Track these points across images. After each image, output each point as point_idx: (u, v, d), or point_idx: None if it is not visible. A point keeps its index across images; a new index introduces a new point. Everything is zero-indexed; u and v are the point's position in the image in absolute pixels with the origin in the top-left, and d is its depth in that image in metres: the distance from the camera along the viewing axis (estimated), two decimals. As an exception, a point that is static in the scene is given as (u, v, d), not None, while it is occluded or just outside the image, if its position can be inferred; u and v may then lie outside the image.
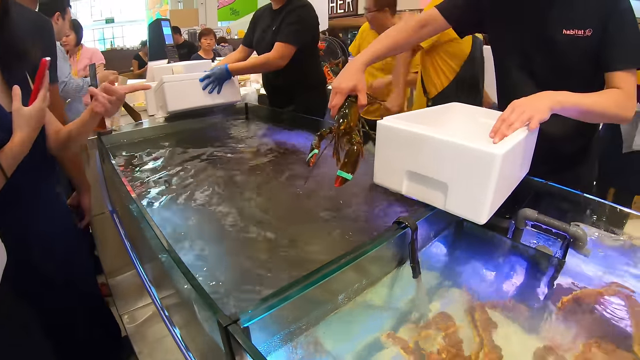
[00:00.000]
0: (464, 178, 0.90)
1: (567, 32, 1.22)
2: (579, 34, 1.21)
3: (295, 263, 0.93)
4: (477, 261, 1.07)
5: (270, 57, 2.24)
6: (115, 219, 1.67)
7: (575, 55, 1.24)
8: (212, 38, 5.49)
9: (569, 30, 1.22)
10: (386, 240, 0.86)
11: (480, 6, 1.39)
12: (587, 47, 1.22)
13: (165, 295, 1.15)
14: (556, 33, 1.24)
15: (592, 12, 1.19)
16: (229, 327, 0.61)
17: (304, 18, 2.31)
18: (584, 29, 1.20)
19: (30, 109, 1.03)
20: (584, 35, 1.21)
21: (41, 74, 1.06)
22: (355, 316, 0.84)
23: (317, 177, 1.34)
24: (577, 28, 1.20)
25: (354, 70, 1.27)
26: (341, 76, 1.26)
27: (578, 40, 1.22)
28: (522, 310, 0.90)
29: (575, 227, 1.01)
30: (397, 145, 1.02)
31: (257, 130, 2.10)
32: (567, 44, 1.23)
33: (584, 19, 1.20)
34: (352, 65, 1.30)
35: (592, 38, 1.20)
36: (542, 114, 0.99)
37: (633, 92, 1.17)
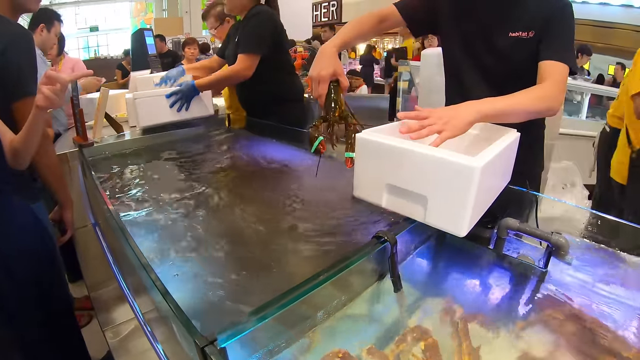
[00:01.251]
0: (444, 191, 0.90)
1: (512, 35, 1.33)
2: (523, 36, 1.31)
3: (276, 279, 0.93)
4: (459, 272, 1.07)
5: (234, 69, 2.20)
6: (98, 232, 1.65)
7: (521, 57, 1.34)
8: (195, 47, 5.47)
9: (514, 32, 1.32)
10: (365, 255, 0.86)
11: (434, 7, 1.48)
12: (531, 48, 1.31)
13: (147, 310, 1.14)
14: (503, 36, 1.34)
15: (534, 16, 1.30)
16: (205, 348, 0.60)
17: (260, 24, 2.25)
18: (527, 31, 1.31)
19: None
20: (527, 37, 1.31)
21: None
22: (336, 332, 0.84)
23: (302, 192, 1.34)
24: (521, 30, 1.31)
25: (329, 54, 1.29)
26: (318, 64, 1.27)
27: (522, 42, 1.32)
28: (503, 320, 0.90)
29: (557, 236, 1.02)
30: (376, 158, 1.02)
31: (238, 141, 2.09)
32: (513, 45, 1.33)
33: (527, 22, 1.30)
34: (326, 50, 1.31)
35: (534, 39, 1.30)
36: (455, 132, 1.00)
37: (561, 81, 1.24)
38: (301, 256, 1.04)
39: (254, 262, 1.00)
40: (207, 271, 0.97)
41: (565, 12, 1.28)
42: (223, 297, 0.87)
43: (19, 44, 1.40)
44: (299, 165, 1.67)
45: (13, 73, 1.30)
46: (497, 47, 1.37)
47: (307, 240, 1.11)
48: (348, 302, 0.89)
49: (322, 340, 0.81)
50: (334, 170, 1.52)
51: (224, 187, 1.45)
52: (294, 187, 1.44)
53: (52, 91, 1.15)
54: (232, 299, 0.85)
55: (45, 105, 1.16)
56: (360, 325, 0.87)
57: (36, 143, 1.32)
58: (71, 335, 1.67)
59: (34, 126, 1.24)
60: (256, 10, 2.28)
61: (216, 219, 1.20)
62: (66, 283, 1.65)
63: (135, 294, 1.21)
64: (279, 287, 0.74)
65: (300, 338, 0.79)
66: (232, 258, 1.02)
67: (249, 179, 1.54)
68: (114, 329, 1.55)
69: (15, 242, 1.29)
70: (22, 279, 1.30)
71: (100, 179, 1.53)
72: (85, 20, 18.45)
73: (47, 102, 1.15)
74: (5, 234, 1.26)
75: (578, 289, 0.98)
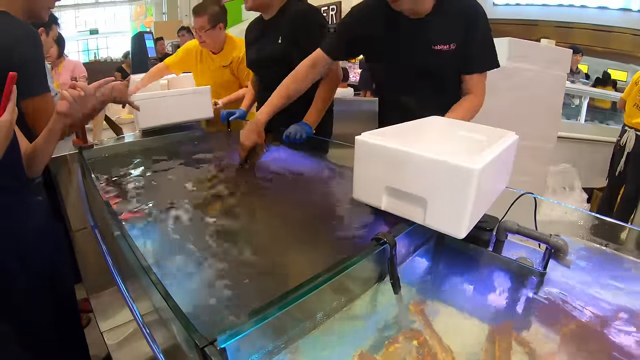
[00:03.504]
0: (443, 193, 0.91)
1: (435, 48, 1.48)
2: (445, 49, 1.47)
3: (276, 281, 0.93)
4: (458, 274, 1.07)
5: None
6: (97, 234, 1.65)
7: (445, 67, 1.52)
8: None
9: (436, 45, 1.47)
10: (365, 257, 0.86)
11: (358, 36, 1.65)
12: (453, 59, 1.48)
13: (146, 312, 1.13)
14: (427, 50, 1.49)
15: (455, 30, 1.45)
16: (205, 349, 0.60)
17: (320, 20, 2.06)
18: (449, 43, 1.46)
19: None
20: (449, 49, 1.47)
21: (9, 87, 1.06)
22: (335, 334, 0.84)
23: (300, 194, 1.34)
24: (443, 43, 1.47)
25: (256, 128, 1.65)
26: (246, 133, 1.64)
27: (445, 54, 1.47)
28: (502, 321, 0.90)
29: (556, 238, 1.02)
30: (375, 161, 1.03)
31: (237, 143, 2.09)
32: (437, 58, 1.49)
33: (448, 36, 1.46)
34: (254, 125, 1.66)
35: (456, 51, 1.47)
36: None
37: (483, 90, 1.56)
38: (301, 258, 1.05)
39: (254, 263, 1.00)
40: (206, 273, 0.97)
41: (479, 22, 1.45)
42: (223, 298, 0.86)
43: (27, 43, 1.41)
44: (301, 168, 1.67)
45: (20, 71, 1.31)
46: (421, 61, 1.53)
47: (307, 242, 1.11)
48: (348, 303, 0.89)
49: (321, 342, 0.81)
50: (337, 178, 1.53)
51: (225, 189, 1.45)
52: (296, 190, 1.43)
53: (73, 96, 1.17)
54: (231, 301, 0.85)
55: (66, 111, 1.21)
56: (359, 327, 0.87)
57: (53, 149, 1.36)
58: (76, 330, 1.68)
59: (53, 132, 1.27)
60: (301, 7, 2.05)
61: (216, 220, 1.20)
62: (72, 278, 1.65)
63: (134, 296, 1.21)
64: (279, 288, 0.74)
65: (300, 339, 0.80)
66: (232, 260, 1.02)
67: (250, 181, 1.54)
68: (113, 331, 1.55)
69: (31, 234, 1.30)
70: (37, 271, 1.31)
71: (100, 180, 1.52)
72: (85, 23, 18.47)
73: (67, 107, 1.20)
74: (22, 228, 1.27)
75: (577, 291, 0.98)
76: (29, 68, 1.41)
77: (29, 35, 1.43)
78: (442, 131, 1.25)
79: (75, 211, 1.79)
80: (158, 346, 1.00)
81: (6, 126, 1.05)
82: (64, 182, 1.84)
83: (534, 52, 3.02)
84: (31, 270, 1.28)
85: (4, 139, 1.05)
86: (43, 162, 1.36)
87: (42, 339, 1.32)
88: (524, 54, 2.96)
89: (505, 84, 2.85)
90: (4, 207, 1.19)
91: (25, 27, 1.43)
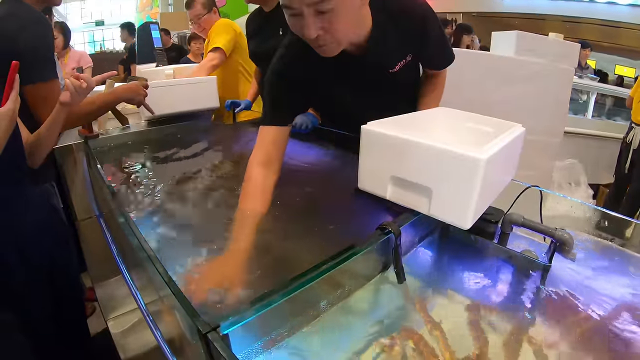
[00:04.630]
0: (448, 183, 0.90)
1: (393, 70, 1.32)
2: (402, 63, 1.32)
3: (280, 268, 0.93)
4: (462, 266, 1.06)
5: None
6: (102, 223, 1.65)
7: (405, 77, 1.40)
8: (201, 42, 5.43)
9: (394, 68, 1.32)
10: (369, 246, 0.86)
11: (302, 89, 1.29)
12: (411, 66, 1.38)
13: (150, 300, 1.14)
14: (384, 75, 1.33)
15: (407, 42, 1.29)
16: (208, 335, 0.60)
17: None
18: (405, 57, 1.32)
19: (1, 110, 1.04)
20: (406, 62, 1.33)
21: (12, 76, 1.07)
22: (338, 323, 0.84)
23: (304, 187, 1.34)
24: (399, 60, 1.31)
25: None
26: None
27: (403, 68, 1.33)
28: (506, 313, 0.90)
29: (561, 231, 1.01)
30: (381, 150, 1.02)
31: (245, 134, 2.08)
32: (396, 75, 1.34)
33: (402, 51, 1.30)
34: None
35: (413, 59, 1.34)
36: None
37: (444, 82, 1.53)
38: (306, 246, 1.04)
39: (258, 251, 1.00)
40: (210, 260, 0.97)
41: (428, 24, 1.28)
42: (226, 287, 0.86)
43: (34, 29, 1.41)
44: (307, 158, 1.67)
45: (26, 57, 1.31)
46: (380, 85, 1.36)
47: (312, 231, 1.11)
48: (352, 292, 0.89)
49: (324, 329, 0.81)
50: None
51: (230, 178, 1.45)
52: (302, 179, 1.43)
53: (75, 87, 1.18)
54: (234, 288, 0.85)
55: (68, 101, 1.23)
56: (363, 316, 0.87)
57: (55, 138, 1.38)
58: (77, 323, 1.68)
59: (56, 122, 1.29)
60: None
61: (220, 209, 1.20)
62: (77, 267, 1.66)
63: (138, 284, 1.21)
64: (283, 276, 0.74)
65: (303, 327, 0.79)
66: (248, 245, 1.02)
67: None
68: (117, 319, 1.56)
69: (30, 227, 1.30)
70: (36, 264, 1.31)
71: (105, 170, 1.53)
72: (91, 14, 18.44)
73: (69, 98, 1.22)
74: (22, 220, 1.27)
75: (581, 285, 0.98)
76: (37, 54, 1.41)
77: (37, 21, 1.43)
78: (448, 122, 1.24)
79: (81, 201, 1.80)
80: (162, 334, 1.00)
81: (9, 115, 1.06)
82: (69, 171, 1.84)
83: (542, 46, 3.00)
84: (30, 263, 1.29)
85: (7, 128, 1.06)
86: (45, 152, 1.37)
87: (41, 332, 1.32)
88: (532, 47, 2.94)
89: (512, 76, 2.84)
90: (3, 199, 1.19)
91: (33, 12, 1.43)
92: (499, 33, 3.12)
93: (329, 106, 1.60)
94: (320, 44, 1.05)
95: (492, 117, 1.19)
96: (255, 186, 1.19)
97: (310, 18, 0.97)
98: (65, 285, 1.51)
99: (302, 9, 0.95)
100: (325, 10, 0.95)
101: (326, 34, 1.01)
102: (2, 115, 1.04)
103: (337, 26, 1.00)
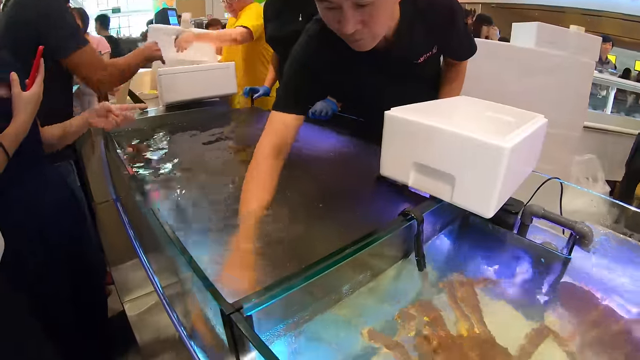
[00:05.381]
0: (472, 171, 0.90)
1: (419, 61, 1.30)
2: (427, 55, 1.30)
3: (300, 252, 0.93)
4: (482, 256, 1.06)
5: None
6: (119, 207, 1.66)
7: (429, 68, 1.41)
8: (219, 29, 5.44)
9: (419, 59, 1.30)
10: (392, 231, 0.86)
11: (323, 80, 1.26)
12: (436, 57, 1.39)
13: (167, 283, 1.14)
14: (408, 67, 1.31)
15: (434, 35, 1.26)
16: (232, 316, 0.60)
17: None
18: (431, 50, 1.30)
19: (28, 93, 1.10)
20: (432, 54, 1.31)
21: (37, 61, 1.13)
22: (360, 307, 0.84)
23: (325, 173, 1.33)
24: (425, 53, 1.29)
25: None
26: None
27: (428, 59, 1.32)
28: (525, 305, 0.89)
29: (581, 224, 1.00)
30: (404, 136, 1.01)
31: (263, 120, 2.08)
32: (421, 67, 1.33)
33: (428, 43, 1.28)
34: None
35: (438, 51, 1.34)
36: None
37: (464, 71, 1.52)
38: (328, 231, 1.04)
39: (279, 235, 1.00)
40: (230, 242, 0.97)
41: (456, 18, 1.26)
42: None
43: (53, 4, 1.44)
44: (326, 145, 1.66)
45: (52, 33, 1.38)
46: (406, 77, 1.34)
47: (333, 217, 1.10)
48: (372, 278, 0.89)
49: (345, 314, 0.81)
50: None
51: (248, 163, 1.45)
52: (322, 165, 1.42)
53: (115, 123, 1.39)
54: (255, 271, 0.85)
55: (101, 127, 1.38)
56: (384, 303, 0.87)
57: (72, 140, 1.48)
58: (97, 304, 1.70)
59: (81, 130, 1.41)
60: None
61: (239, 192, 1.20)
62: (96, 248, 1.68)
63: (155, 267, 1.22)
64: (306, 260, 0.74)
65: (324, 311, 0.80)
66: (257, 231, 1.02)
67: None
68: (134, 302, 1.57)
69: (49, 206, 1.31)
70: (54, 243, 1.33)
71: (123, 154, 1.53)
72: (107, 1, 18.49)
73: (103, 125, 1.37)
74: (40, 200, 1.29)
75: (601, 279, 0.97)
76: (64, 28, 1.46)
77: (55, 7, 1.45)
78: (470, 110, 1.23)
79: (98, 184, 1.81)
80: (178, 317, 1.01)
81: (35, 98, 1.12)
82: (87, 155, 1.86)
83: (563, 38, 2.95)
84: (48, 242, 1.30)
85: (33, 110, 1.12)
86: (61, 146, 1.43)
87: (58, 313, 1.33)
88: (553, 40, 2.89)
89: (532, 68, 2.80)
90: (22, 179, 1.20)
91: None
92: (520, 24, 3.07)
93: (351, 96, 1.58)
94: (357, 38, 1.02)
95: (514, 107, 1.18)
96: (265, 172, 1.18)
97: (350, 12, 0.93)
98: (85, 266, 1.52)
99: (341, 3, 0.92)
100: (365, 4, 0.92)
101: (364, 28, 0.99)
102: (29, 98, 1.10)
103: (376, 20, 0.97)
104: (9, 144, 1.04)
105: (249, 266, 0.91)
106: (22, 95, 1.09)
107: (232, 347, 0.63)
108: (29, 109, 1.10)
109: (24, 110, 1.09)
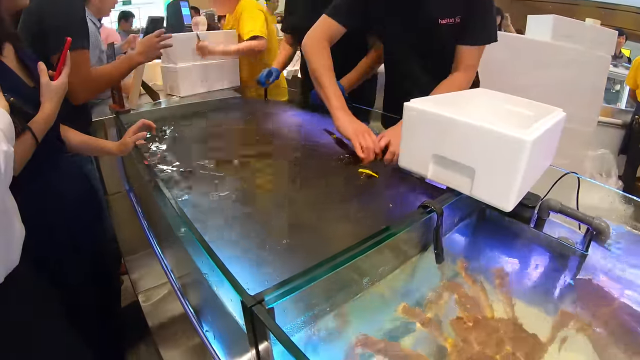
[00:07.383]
0: (492, 163, 0.88)
1: (442, 22, 1.42)
2: (451, 22, 1.41)
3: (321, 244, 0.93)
4: (499, 249, 1.05)
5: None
6: (132, 198, 1.67)
7: (450, 39, 1.45)
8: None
9: (443, 20, 1.42)
10: (411, 224, 0.85)
11: (365, 7, 1.54)
12: (459, 31, 1.43)
13: (181, 274, 1.14)
14: (433, 24, 1.43)
15: (459, 2, 1.39)
16: (253, 308, 0.60)
17: None
18: (455, 17, 1.41)
19: (56, 83, 1.13)
20: (454, 22, 1.41)
21: (65, 52, 1.16)
22: (379, 299, 0.83)
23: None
24: (449, 17, 1.41)
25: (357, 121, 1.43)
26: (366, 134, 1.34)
27: (451, 27, 1.42)
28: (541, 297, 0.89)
29: (598, 220, 0.99)
30: (424, 128, 1.00)
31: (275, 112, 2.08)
32: (443, 31, 1.44)
33: (454, 9, 1.40)
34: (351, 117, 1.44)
35: (461, 24, 1.41)
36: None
37: (471, 65, 1.49)
38: (346, 224, 1.04)
39: (296, 227, 1.00)
40: (246, 235, 0.97)
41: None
42: (263, 262, 0.86)
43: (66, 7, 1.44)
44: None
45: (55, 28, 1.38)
46: (428, 34, 1.48)
47: (352, 208, 1.10)
48: (392, 270, 0.88)
49: (365, 307, 0.81)
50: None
51: (263, 155, 1.44)
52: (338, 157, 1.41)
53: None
54: (273, 264, 0.85)
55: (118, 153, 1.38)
56: (403, 295, 0.86)
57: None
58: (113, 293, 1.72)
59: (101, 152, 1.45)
60: None
61: (256, 184, 1.20)
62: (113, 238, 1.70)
63: (169, 258, 1.22)
64: (327, 252, 0.73)
65: (344, 304, 0.79)
66: (273, 223, 1.02)
67: (290, 147, 1.52)
68: (147, 292, 1.58)
69: (66, 196, 1.31)
70: (76, 228, 1.34)
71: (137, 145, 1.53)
72: (119, -7, 18.55)
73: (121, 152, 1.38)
74: (57, 190, 1.29)
75: (618, 274, 0.96)
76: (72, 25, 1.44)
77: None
78: (489, 103, 1.21)
79: (111, 175, 1.82)
80: (191, 308, 1.01)
81: (62, 89, 1.15)
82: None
83: (579, 32, 2.92)
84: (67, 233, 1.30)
85: (59, 100, 1.15)
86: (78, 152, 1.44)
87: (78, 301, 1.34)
88: (569, 33, 2.86)
89: (547, 61, 2.77)
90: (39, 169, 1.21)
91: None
92: (535, 17, 3.03)
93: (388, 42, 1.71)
94: None
95: (532, 101, 1.16)
96: (325, 48, 1.55)
97: None
98: (101, 255, 1.52)
99: None
100: None
101: None
102: (57, 88, 1.13)
103: None
104: (38, 131, 1.06)
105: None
106: (50, 85, 1.12)
107: (252, 339, 0.63)
108: (55, 99, 1.13)
109: (51, 100, 1.11)
